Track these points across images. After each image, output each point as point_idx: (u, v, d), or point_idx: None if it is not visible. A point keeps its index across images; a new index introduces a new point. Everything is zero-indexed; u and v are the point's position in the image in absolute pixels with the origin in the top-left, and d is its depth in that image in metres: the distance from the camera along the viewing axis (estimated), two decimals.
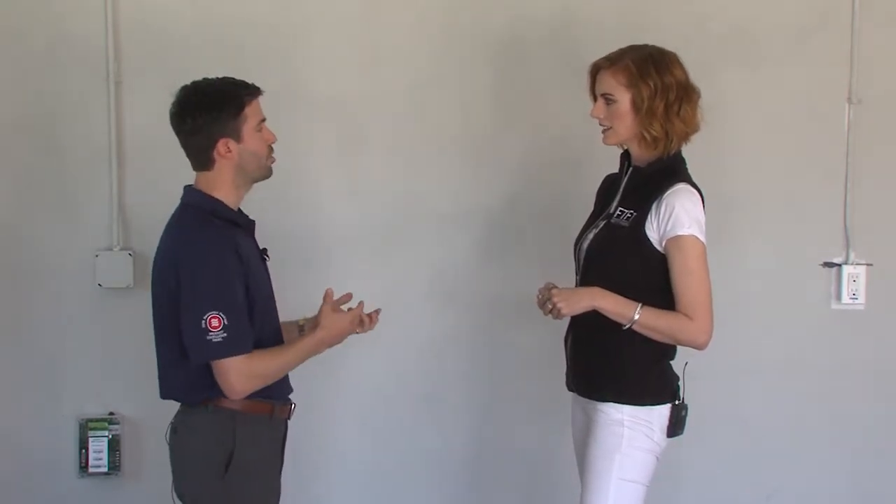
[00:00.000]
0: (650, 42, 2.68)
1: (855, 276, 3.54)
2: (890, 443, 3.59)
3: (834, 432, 3.58)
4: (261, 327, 2.50)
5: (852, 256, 3.55)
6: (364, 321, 2.62)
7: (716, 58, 3.45)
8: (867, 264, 3.55)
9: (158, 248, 2.52)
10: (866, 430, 3.58)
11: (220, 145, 2.46)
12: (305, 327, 2.71)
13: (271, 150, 2.57)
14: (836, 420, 3.57)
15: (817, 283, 3.56)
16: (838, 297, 3.56)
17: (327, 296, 2.60)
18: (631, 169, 2.72)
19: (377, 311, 2.66)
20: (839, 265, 3.55)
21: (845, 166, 3.53)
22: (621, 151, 2.78)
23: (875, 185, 3.54)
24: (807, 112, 3.52)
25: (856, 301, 3.55)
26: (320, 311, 2.59)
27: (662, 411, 2.63)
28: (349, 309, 2.61)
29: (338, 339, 2.58)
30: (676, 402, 2.65)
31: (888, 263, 3.56)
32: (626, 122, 2.63)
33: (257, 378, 2.44)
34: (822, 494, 3.59)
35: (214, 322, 2.36)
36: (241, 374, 2.40)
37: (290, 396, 2.64)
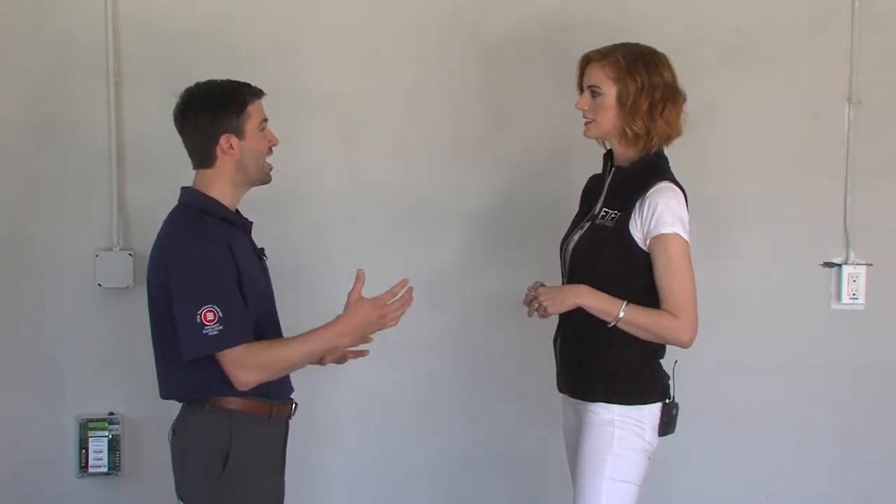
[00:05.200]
0: (649, 43, 2.69)
1: (855, 276, 3.54)
2: (890, 443, 3.59)
3: (834, 432, 3.58)
4: (259, 326, 2.49)
5: (852, 256, 3.55)
6: (392, 313, 2.49)
7: (716, 58, 3.45)
8: (867, 264, 3.55)
9: (153, 245, 2.52)
10: (866, 430, 3.58)
11: (223, 141, 2.47)
12: None
13: (270, 151, 2.58)
14: (836, 420, 3.57)
15: (817, 283, 3.56)
16: (838, 297, 3.56)
17: (359, 277, 2.45)
18: (613, 169, 2.72)
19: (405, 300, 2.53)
20: (839, 265, 3.55)
21: (845, 166, 3.53)
22: (604, 151, 2.78)
23: (875, 185, 3.54)
24: (807, 112, 3.53)
25: (856, 301, 3.55)
26: (348, 297, 2.45)
27: (653, 410, 2.63)
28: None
29: (362, 329, 2.47)
30: (667, 401, 2.66)
31: (888, 263, 3.56)
32: (608, 116, 2.64)
33: (260, 367, 2.40)
34: (822, 495, 3.59)
35: (209, 315, 2.35)
36: (238, 364, 2.38)
37: (292, 396, 2.64)
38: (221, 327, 2.36)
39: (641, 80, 2.60)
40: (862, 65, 3.51)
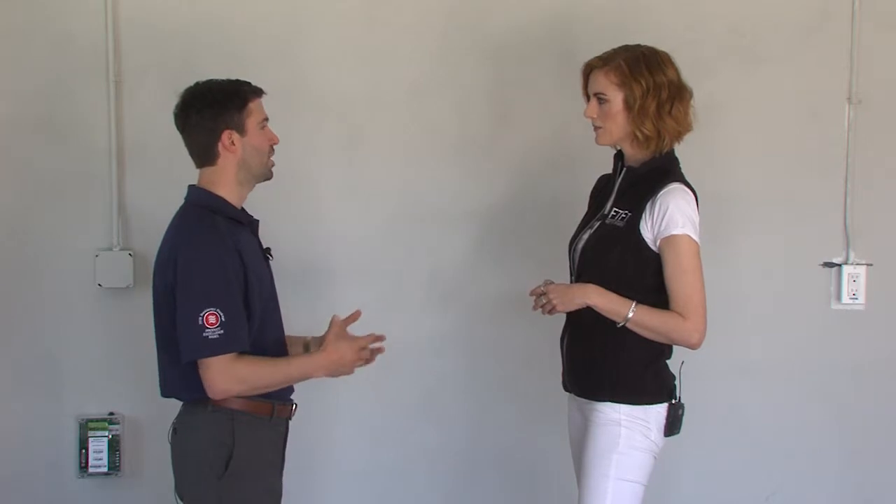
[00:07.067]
0: (649, 42, 2.69)
1: (855, 276, 3.54)
2: (890, 443, 3.59)
3: (834, 432, 3.58)
4: (262, 327, 2.50)
5: (852, 256, 3.55)
6: (369, 355, 2.58)
7: (716, 58, 3.46)
8: (867, 264, 3.55)
9: (161, 244, 2.53)
10: (866, 430, 3.58)
11: (225, 137, 2.48)
12: (311, 347, 2.68)
13: (272, 150, 2.58)
14: (836, 420, 3.57)
15: (817, 283, 3.56)
16: (838, 297, 3.56)
17: (334, 323, 2.56)
18: (624, 169, 2.72)
19: (378, 349, 2.62)
20: (839, 265, 3.55)
21: (845, 166, 3.53)
22: (615, 152, 2.78)
23: (875, 185, 3.54)
24: (807, 112, 3.52)
25: (856, 301, 3.54)
26: (326, 335, 2.55)
27: (659, 410, 2.64)
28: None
29: (337, 366, 2.52)
30: (673, 402, 2.66)
31: (888, 263, 3.56)
32: (618, 122, 2.64)
33: (240, 381, 2.41)
34: (822, 495, 3.59)
35: (211, 319, 2.35)
36: (223, 372, 2.38)
37: (291, 397, 2.64)
38: (222, 331, 2.36)
39: (646, 82, 2.60)
40: (862, 65, 3.50)
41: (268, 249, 2.64)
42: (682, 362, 2.68)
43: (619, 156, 2.77)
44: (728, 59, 3.48)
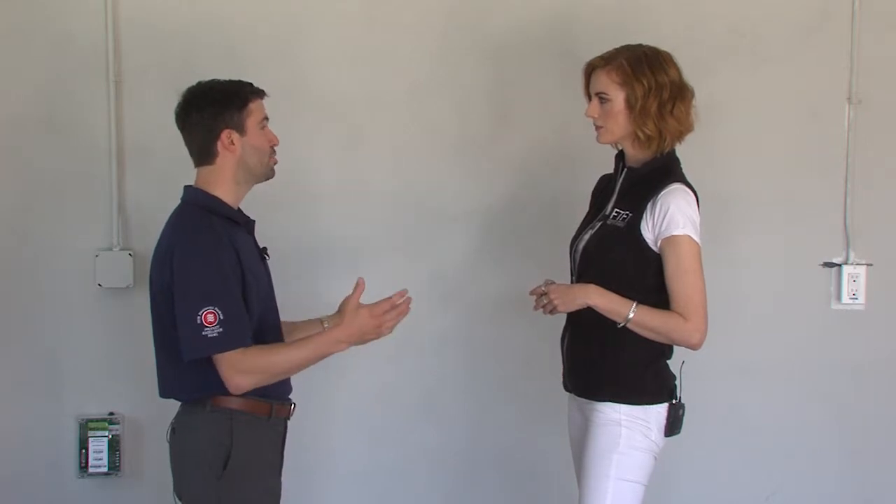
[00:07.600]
0: (649, 42, 2.69)
1: (855, 276, 3.54)
2: (890, 443, 3.59)
3: (834, 432, 3.58)
4: (259, 326, 2.50)
5: (852, 256, 3.55)
6: (392, 318, 2.50)
7: (716, 58, 3.46)
8: (867, 264, 3.55)
9: (157, 244, 2.53)
10: (866, 430, 3.58)
11: (224, 136, 2.48)
12: (327, 325, 2.67)
13: (273, 151, 2.58)
14: (836, 420, 3.57)
15: (817, 283, 3.56)
16: (838, 297, 3.56)
17: (359, 285, 2.52)
18: (626, 170, 2.72)
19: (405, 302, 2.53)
20: (839, 265, 3.55)
21: (845, 166, 3.53)
22: (616, 152, 2.78)
23: (875, 185, 3.54)
24: (807, 112, 3.53)
25: (856, 301, 3.55)
26: (345, 304, 2.53)
27: (660, 410, 2.64)
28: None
29: (359, 336, 2.48)
30: (674, 402, 2.66)
31: (888, 263, 3.56)
32: (619, 121, 2.64)
33: (257, 373, 2.41)
34: (822, 495, 3.59)
35: (210, 317, 2.36)
36: (233, 368, 2.38)
37: (290, 396, 2.64)
38: (221, 329, 2.36)
39: (648, 82, 2.60)
40: (862, 65, 3.51)
41: (264, 249, 2.65)
42: (683, 362, 2.68)
43: (620, 156, 2.77)
44: (728, 59, 3.48)
